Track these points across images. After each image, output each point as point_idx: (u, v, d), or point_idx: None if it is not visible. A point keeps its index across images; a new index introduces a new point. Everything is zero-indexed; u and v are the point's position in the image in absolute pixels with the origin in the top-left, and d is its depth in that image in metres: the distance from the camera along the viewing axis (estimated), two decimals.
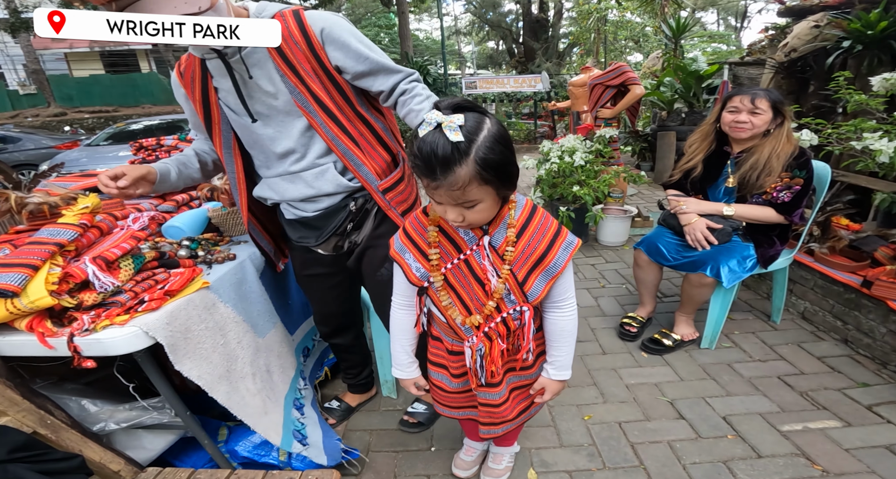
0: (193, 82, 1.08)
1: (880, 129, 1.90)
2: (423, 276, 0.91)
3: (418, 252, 0.91)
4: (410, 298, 0.98)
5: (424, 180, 0.75)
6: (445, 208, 0.79)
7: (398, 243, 0.94)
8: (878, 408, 1.53)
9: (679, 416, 1.56)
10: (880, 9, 2.65)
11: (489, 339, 0.93)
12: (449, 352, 1.04)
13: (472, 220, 0.80)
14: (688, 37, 7.26)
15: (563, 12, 14.98)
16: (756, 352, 1.88)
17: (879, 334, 1.74)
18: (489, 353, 0.95)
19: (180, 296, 0.97)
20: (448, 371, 1.07)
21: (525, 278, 0.88)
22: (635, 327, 2.00)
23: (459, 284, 0.91)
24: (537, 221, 0.89)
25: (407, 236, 0.93)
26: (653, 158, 4.88)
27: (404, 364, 1.07)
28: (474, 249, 0.89)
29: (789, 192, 1.63)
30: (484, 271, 0.88)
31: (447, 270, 0.90)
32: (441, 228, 0.90)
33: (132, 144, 1.92)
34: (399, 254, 0.93)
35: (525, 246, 0.87)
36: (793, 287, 2.14)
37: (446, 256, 0.90)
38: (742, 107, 1.65)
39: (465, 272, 0.90)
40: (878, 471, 1.29)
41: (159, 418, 1.00)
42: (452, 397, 1.11)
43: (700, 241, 1.71)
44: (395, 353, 1.06)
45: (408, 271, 0.92)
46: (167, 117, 7.73)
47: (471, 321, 0.92)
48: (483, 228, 0.88)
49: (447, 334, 1.02)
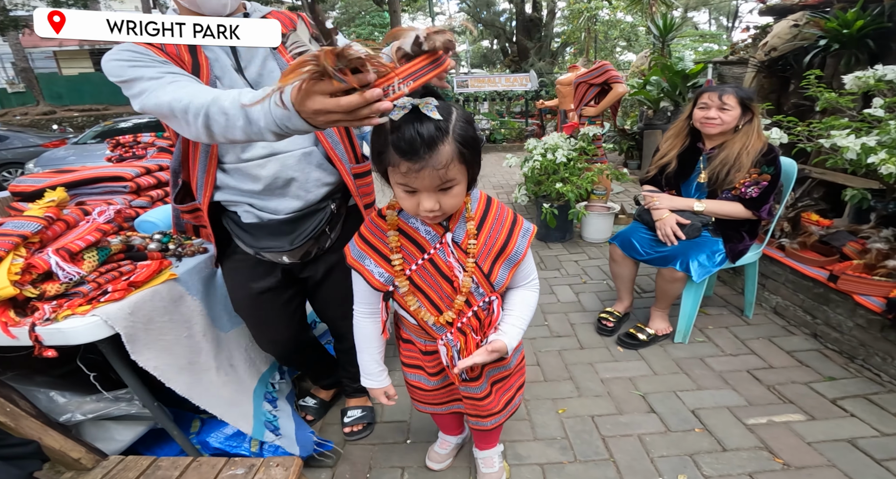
0: (180, 50, 0.96)
1: (850, 126, 1.94)
2: (388, 280, 0.89)
3: (379, 256, 0.89)
4: (373, 305, 0.97)
5: (404, 165, 0.72)
6: (420, 198, 0.77)
7: (355, 249, 0.92)
8: (842, 402, 1.56)
9: (650, 410, 1.58)
10: (857, 8, 2.69)
11: (463, 334, 0.93)
12: (423, 352, 1.03)
13: (447, 207, 0.78)
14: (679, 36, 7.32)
15: (556, 12, 15.07)
16: (728, 346, 1.91)
17: (847, 329, 1.77)
18: (465, 348, 0.94)
19: (145, 287, 0.98)
20: (424, 371, 1.07)
21: (490, 268, 0.90)
22: (612, 322, 2.03)
23: (426, 283, 0.90)
24: (494, 212, 0.91)
25: (364, 242, 0.91)
26: (640, 156, 4.92)
27: (374, 373, 1.04)
28: (438, 247, 0.88)
29: (757, 187, 1.67)
30: (450, 267, 0.89)
31: (412, 271, 0.89)
32: (401, 230, 0.89)
33: (109, 141, 1.92)
34: (358, 261, 0.91)
35: (486, 238, 0.89)
36: (765, 282, 2.17)
37: (409, 257, 0.89)
38: (711, 103, 1.69)
39: (430, 272, 0.89)
40: (839, 465, 1.32)
41: (127, 409, 1.01)
42: (433, 395, 1.11)
43: (669, 236, 1.74)
44: (363, 363, 1.04)
45: (370, 277, 0.89)
46: None
47: (443, 319, 0.91)
48: (443, 225, 0.88)
49: (418, 335, 1.01)
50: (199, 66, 0.97)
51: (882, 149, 1.64)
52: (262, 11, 1.04)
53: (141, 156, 1.86)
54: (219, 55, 1.00)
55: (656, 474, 1.33)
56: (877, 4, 2.72)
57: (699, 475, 1.31)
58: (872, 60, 2.74)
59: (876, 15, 2.68)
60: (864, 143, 1.70)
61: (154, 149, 1.83)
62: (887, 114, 1.87)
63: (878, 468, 1.30)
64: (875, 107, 1.94)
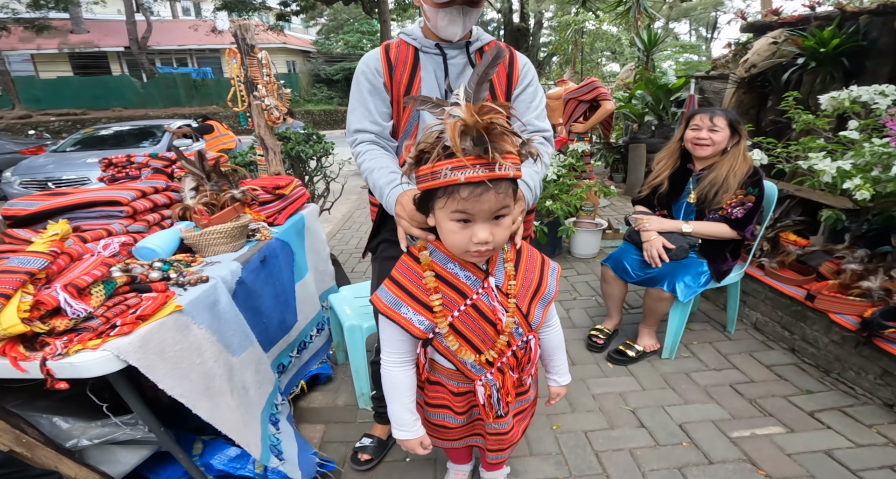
0: (405, 67, 1.18)
1: (826, 148, 2.04)
2: (428, 328, 0.86)
3: (416, 303, 0.85)
4: (406, 353, 0.94)
5: (465, 190, 0.71)
6: (474, 229, 0.75)
7: (388, 296, 0.86)
8: (819, 414, 1.64)
9: (640, 424, 1.64)
10: (833, 26, 2.77)
11: (501, 373, 0.93)
12: (454, 394, 1.00)
13: (497, 239, 0.77)
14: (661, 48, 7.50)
15: (543, 22, 15.37)
16: (711, 361, 1.99)
17: (823, 344, 1.87)
18: (503, 386, 0.95)
19: (152, 320, 0.99)
20: (451, 410, 1.04)
21: (528, 309, 0.91)
22: (602, 339, 2.09)
23: (468, 328, 0.88)
24: (526, 253, 0.93)
25: (399, 287, 0.86)
26: (625, 169, 5.04)
27: (408, 423, 0.97)
28: (480, 292, 0.87)
29: (742, 208, 1.75)
30: (494, 311, 0.88)
31: (454, 318, 0.86)
32: (438, 276, 0.86)
33: (101, 160, 1.90)
34: (393, 309, 0.86)
35: (523, 279, 0.91)
36: (746, 299, 2.27)
37: (450, 303, 0.86)
38: (702, 124, 1.77)
39: (473, 316, 0.88)
40: (817, 475, 1.38)
41: (132, 433, 1.02)
42: (456, 432, 1.09)
43: (654, 258, 1.81)
44: (396, 413, 0.97)
45: (409, 327, 0.85)
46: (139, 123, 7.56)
47: (483, 358, 0.90)
48: (483, 269, 0.88)
49: (451, 378, 0.98)
50: (412, 88, 1.19)
51: (857, 173, 1.74)
52: (484, 40, 1.21)
53: (135, 176, 1.84)
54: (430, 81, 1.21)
55: None
56: (852, 23, 2.81)
57: None
58: (847, 78, 2.82)
59: (851, 33, 2.76)
60: (840, 166, 1.79)
61: (149, 170, 1.81)
62: (862, 136, 1.96)
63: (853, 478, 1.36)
64: (850, 129, 2.04)
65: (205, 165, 1.58)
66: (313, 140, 3.13)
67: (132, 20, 15.71)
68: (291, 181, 1.96)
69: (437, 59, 1.18)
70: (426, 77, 1.19)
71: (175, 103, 16.04)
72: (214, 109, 15.14)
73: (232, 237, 1.48)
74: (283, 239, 1.71)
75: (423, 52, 1.18)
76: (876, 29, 2.74)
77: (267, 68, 2.30)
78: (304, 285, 1.81)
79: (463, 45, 1.18)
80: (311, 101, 18.76)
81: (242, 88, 2.32)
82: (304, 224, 1.93)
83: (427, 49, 1.18)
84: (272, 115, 2.36)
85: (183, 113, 13.56)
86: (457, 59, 1.19)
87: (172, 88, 16.28)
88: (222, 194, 1.51)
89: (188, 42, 19.32)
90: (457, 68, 1.19)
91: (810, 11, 3.29)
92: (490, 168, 0.70)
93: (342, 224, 4.47)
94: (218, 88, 16.93)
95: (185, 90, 16.48)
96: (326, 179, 3.41)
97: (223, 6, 13.23)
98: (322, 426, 1.69)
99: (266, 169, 2.47)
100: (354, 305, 1.81)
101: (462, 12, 1.08)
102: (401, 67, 1.18)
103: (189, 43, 19.32)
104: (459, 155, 0.67)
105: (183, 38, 19.40)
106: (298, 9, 12.59)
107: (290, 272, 1.72)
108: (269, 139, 2.44)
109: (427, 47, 1.18)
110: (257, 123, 2.39)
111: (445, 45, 1.17)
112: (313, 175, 3.28)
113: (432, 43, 1.17)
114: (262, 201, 1.83)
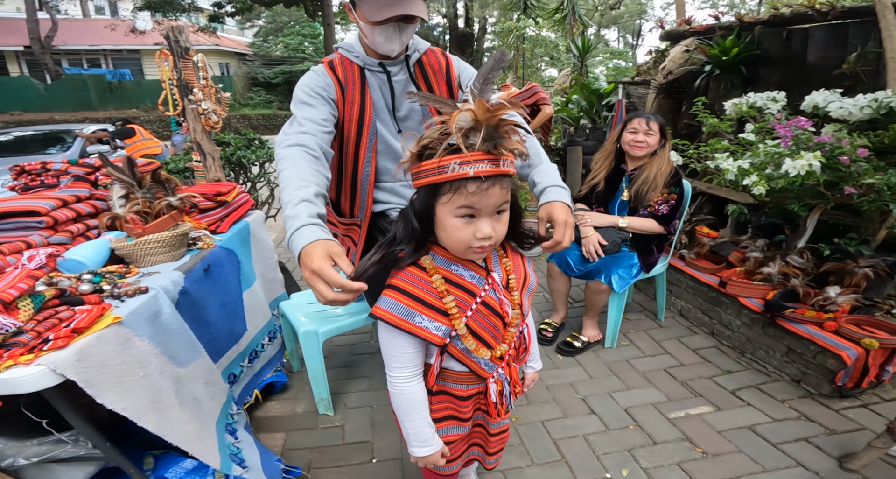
0: (354, 86, 1.21)
1: (729, 149, 2.30)
2: (446, 333, 0.84)
3: (429, 309, 0.82)
4: (420, 365, 0.90)
5: (472, 185, 0.71)
6: (478, 224, 0.76)
7: (399, 308, 0.81)
8: (739, 392, 1.80)
9: (591, 411, 1.73)
10: (733, 36, 3.01)
11: (508, 366, 0.95)
12: (461, 399, 0.96)
13: (498, 234, 0.78)
14: (594, 54, 7.96)
15: (487, 28, 15.86)
16: (647, 348, 2.15)
17: (736, 327, 2.09)
18: (512, 378, 0.96)
19: (89, 333, 0.92)
20: (456, 419, 1.00)
21: (521, 300, 0.94)
22: (551, 332, 2.20)
23: (481, 326, 0.88)
24: (509, 248, 0.96)
25: (407, 296, 0.82)
26: (564, 171, 5.27)
27: (430, 437, 0.92)
28: (486, 288, 0.87)
29: (667, 205, 1.93)
30: (501, 304, 0.89)
31: (468, 318, 0.86)
32: (444, 278, 0.84)
33: (12, 168, 1.71)
34: (406, 320, 0.81)
35: (515, 272, 0.93)
36: (671, 289, 2.47)
37: (462, 304, 0.85)
38: (639, 128, 1.93)
39: (483, 313, 0.88)
40: (745, 450, 1.51)
41: (74, 450, 0.95)
42: (458, 446, 1.04)
43: (592, 253, 1.94)
44: (416, 430, 0.91)
45: (427, 335, 0.82)
46: (44, 128, 6.79)
47: (497, 353, 0.91)
48: (483, 266, 0.88)
49: (462, 382, 0.95)
50: (364, 107, 1.21)
51: (754, 171, 1.95)
52: (421, 49, 1.25)
53: (52, 185, 1.67)
54: (378, 99, 1.25)
55: (604, 470, 1.46)
56: (749, 33, 3.07)
57: (638, 468, 1.46)
58: (746, 85, 3.05)
59: (748, 43, 3.01)
60: (740, 165, 2.00)
61: (69, 177, 1.66)
62: (757, 137, 2.20)
63: (775, 452, 1.50)
64: (747, 132, 2.29)
65: (135, 172, 1.50)
66: (255, 145, 3.01)
67: (34, 18, 14.16)
68: (234, 188, 1.89)
69: (381, 76, 1.21)
70: (375, 96, 1.22)
71: (86, 107, 14.63)
72: (134, 113, 13.98)
73: (171, 246, 1.41)
74: (228, 247, 1.65)
75: (369, 71, 1.21)
76: (767, 39, 3.02)
77: (204, 71, 2.21)
78: (253, 293, 1.75)
79: (402, 60, 1.22)
80: (248, 105, 17.92)
81: (175, 91, 2.20)
82: (249, 232, 1.86)
83: (371, 68, 1.20)
84: (210, 119, 2.25)
85: (96, 117, 12.46)
86: (399, 76, 1.23)
87: (82, 91, 14.84)
88: (157, 202, 1.44)
89: (103, 42, 17.82)
90: (400, 85, 1.23)
91: (715, 21, 3.49)
92: (496, 164, 0.72)
93: None
94: (138, 91, 15.72)
95: (97, 93, 15.09)
96: (271, 185, 3.29)
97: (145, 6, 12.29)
98: (282, 435, 1.65)
99: (204, 175, 2.35)
100: (308, 310, 1.78)
101: (398, 29, 1.11)
102: (351, 87, 1.19)
103: (103, 43, 17.81)
104: (464, 150, 0.68)
105: (97, 37, 17.85)
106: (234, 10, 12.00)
107: (236, 281, 1.65)
108: (207, 144, 2.32)
109: (371, 66, 1.20)
110: (193, 128, 2.27)
111: (388, 63, 1.20)
112: (256, 181, 3.14)
113: (375, 62, 1.19)
114: (203, 209, 1.75)
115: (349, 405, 1.81)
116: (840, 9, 2.59)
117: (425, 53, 1.25)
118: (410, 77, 1.23)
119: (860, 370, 1.64)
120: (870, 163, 1.71)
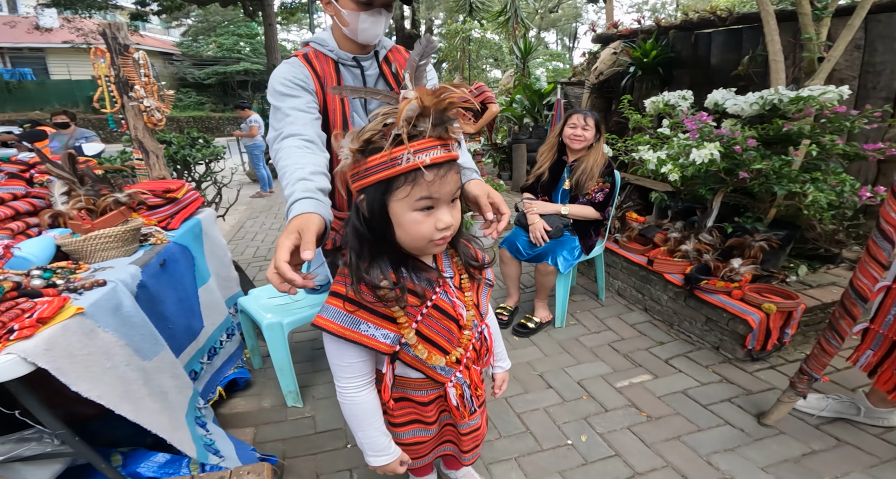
0: (331, 80, 1.21)
1: (650, 142, 2.56)
2: (394, 340, 0.80)
3: (375, 316, 0.78)
4: (370, 374, 0.86)
5: (430, 174, 0.67)
6: (437, 214, 0.71)
7: (343, 317, 0.77)
8: (672, 361, 2.00)
9: (548, 386, 1.85)
10: (651, 39, 3.29)
11: (467, 369, 0.91)
12: (423, 404, 0.93)
13: (457, 222, 0.75)
14: (535, 55, 8.27)
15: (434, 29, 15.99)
16: (592, 326, 2.33)
17: (664, 302, 2.32)
18: (472, 381, 0.92)
19: (53, 323, 0.91)
20: (422, 423, 0.97)
21: (477, 299, 0.90)
22: (506, 316, 2.33)
23: (433, 331, 0.83)
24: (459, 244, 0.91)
25: (351, 302, 0.77)
26: (510, 167, 5.51)
27: (385, 446, 0.89)
28: (438, 291, 0.83)
29: (602, 193, 2.12)
30: (454, 307, 0.84)
31: (419, 323, 0.81)
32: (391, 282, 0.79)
33: None
34: (350, 329, 0.77)
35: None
36: (609, 270, 2.70)
37: (411, 308, 0.80)
38: (578, 123, 2.11)
39: (435, 317, 0.83)
40: (682, 412, 1.67)
41: (39, 448, 0.91)
42: (428, 445, 1.01)
43: (538, 238, 2.11)
44: (370, 440, 0.88)
45: (374, 344, 0.78)
46: None
47: (452, 358, 0.86)
48: (434, 267, 0.83)
49: (420, 388, 0.91)
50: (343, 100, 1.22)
51: (670, 161, 2.20)
52: (387, 46, 1.27)
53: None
54: None
55: (565, 438, 1.57)
56: (665, 37, 3.37)
57: (595, 434, 1.58)
58: (663, 85, 3.35)
59: (665, 46, 3.32)
60: (658, 156, 2.24)
61: (2, 175, 1.55)
62: (672, 132, 2.45)
63: (706, 412, 1.67)
64: (664, 126, 2.54)
65: (76, 169, 1.44)
66: (200, 144, 2.90)
67: None
68: (183, 185, 1.86)
69: (355, 71, 1.24)
70: None
71: None
72: (38, 115, 12.62)
73: (124, 241, 1.39)
74: (182, 243, 1.63)
75: (343, 65, 1.23)
76: (680, 42, 3.33)
77: (146, 69, 2.13)
78: (208, 290, 1.73)
79: (373, 54, 1.25)
80: (177, 106, 16.77)
81: (114, 88, 2.10)
82: (201, 229, 1.84)
83: (345, 62, 1.22)
84: (153, 117, 2.17)
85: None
86: (370, 71, 1.26)
87: None
88: (102, 199, 1.39)
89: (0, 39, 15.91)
90: (372, 79, 1.26)
91: (638, 25, 3.80)
92: (448, 149, 0.69)
93: (234, 234, 4.20)
94: (42, 92, 14.32)
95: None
96: (217, 184, 3.17)
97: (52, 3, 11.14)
98: (251, 429, 1.64)
99: (147, 174, 2.24)
100: (269, 304, 1.78)
101: (383, 13, 1.15)
102: (329, 81, 1.20)
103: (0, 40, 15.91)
104: (406, 140, 0.64)
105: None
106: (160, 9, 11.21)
107: (191, 278, 1.63)
108: (150, 142, 2.23)
109: (345, 60, 1.22)
110: (133, 126, 2.18)
111: (361, 57, 1.23)
112: (202, 181, 3.02)
113: (349, 56, 1.21)
114: (152, 206, 1.71)
115: (317, 397, 1.82)
116: (736, 15, 2.95)
117: (391, 50, 1.30)
118: (381, 72, 1.26)
119: (764, 333, 1.87)
120: (758, 152, 1.99)
